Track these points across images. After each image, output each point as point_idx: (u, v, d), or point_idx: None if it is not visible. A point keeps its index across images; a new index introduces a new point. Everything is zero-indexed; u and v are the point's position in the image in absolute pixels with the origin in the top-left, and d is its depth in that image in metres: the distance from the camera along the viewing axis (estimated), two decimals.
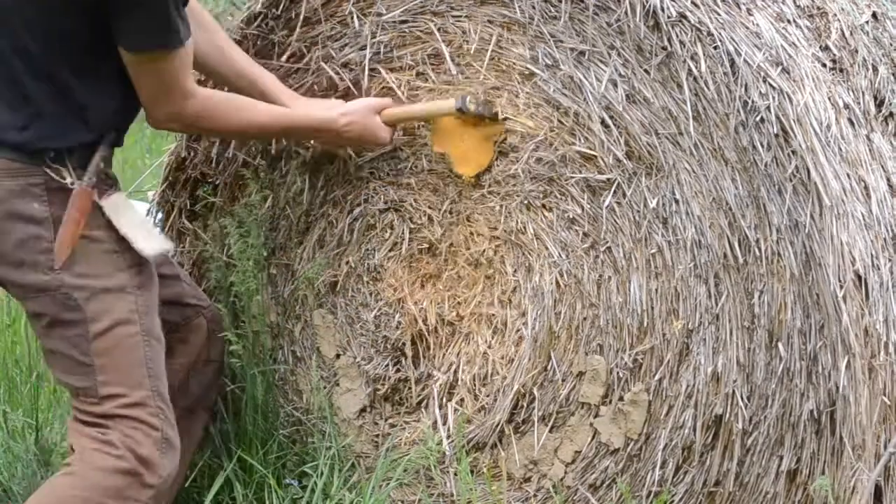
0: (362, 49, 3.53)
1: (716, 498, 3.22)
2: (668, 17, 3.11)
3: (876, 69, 3.23)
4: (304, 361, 3.75)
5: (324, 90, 3.58)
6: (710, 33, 3.07)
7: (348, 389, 3.69)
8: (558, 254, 3.39)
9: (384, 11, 3.49)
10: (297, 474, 3.63)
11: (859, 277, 2.98)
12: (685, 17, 3.10)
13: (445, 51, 3.44)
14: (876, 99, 3.20)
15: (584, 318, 3.37)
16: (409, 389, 3.61)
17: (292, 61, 3.59)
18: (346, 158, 3.60)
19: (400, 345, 3.61)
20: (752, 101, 3.03)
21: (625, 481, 3.32)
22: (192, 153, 3.73)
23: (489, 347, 3.51)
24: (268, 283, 3.74)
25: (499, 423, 3.48)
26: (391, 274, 3.62)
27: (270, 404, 3.69)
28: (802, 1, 3.28)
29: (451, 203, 3.53)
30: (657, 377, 3.28)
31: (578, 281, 3.37)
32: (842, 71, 3.19)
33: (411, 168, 3.55)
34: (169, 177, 3.78)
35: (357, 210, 3.63)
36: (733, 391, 3.17)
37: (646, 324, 3.29)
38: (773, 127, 3.01)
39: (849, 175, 3.02)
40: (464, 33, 3.42)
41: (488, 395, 3.50)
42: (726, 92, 3.08)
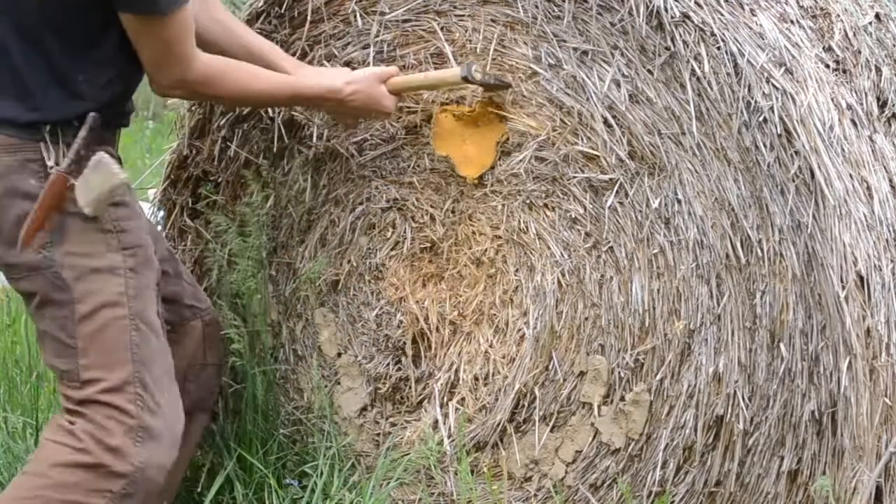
0: (365, 48, 3.53)
1: (717, 498, 3.22)
2: (672, 18, 3.11)
3: (879, 70, 3.23)
4: (305, 360, 3.75)
5: None
6: (713, 34, 3.07)
7: (349, 388, 3.69)
8: (560, 253, 3.39)
9: (387, 10, 3.49)
10: (297, 474, 3.63)
11: (861, 278, 2.98)
12: (688, 17, 3.10)
13: (448, 50, 3.44)
14: (879, 100, 3.21)
15: (586, 318, 3.37)
16: (410, 388, 3.61)
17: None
18: (349, 156, 3.61)
19: (401, 344, 3.61)
20: (755, 102, 3.04)
21: (625, 481, 3.32)
22: (194, 151, 3.73)
23: (490, 347, 3.51)
24: (269, 282, 3.74)
25: (500, 423, 3.48)
26: (393, 273, 3.63)
27: (271, 403, 3.69)
28: (806, 2, 3.28)
29: (453, 202, 3.53)
30: (658, 377, 3.28)
31: (580, 281, 3.37)
32: (845, 72, 3.19)
33: (413, 167, 3.55)
34: (171, 175, 3.78)
35: (359, 209, 3.63)
36: (735, 391, 3.17)
37: (647, 324, 3.29)
38: (776, 127, 3.01)
39: (851, 176, 3.02)
40: (466, 32, 3.42)
41: (489, 395, 3.50)
42: (729, 92, 3.08)
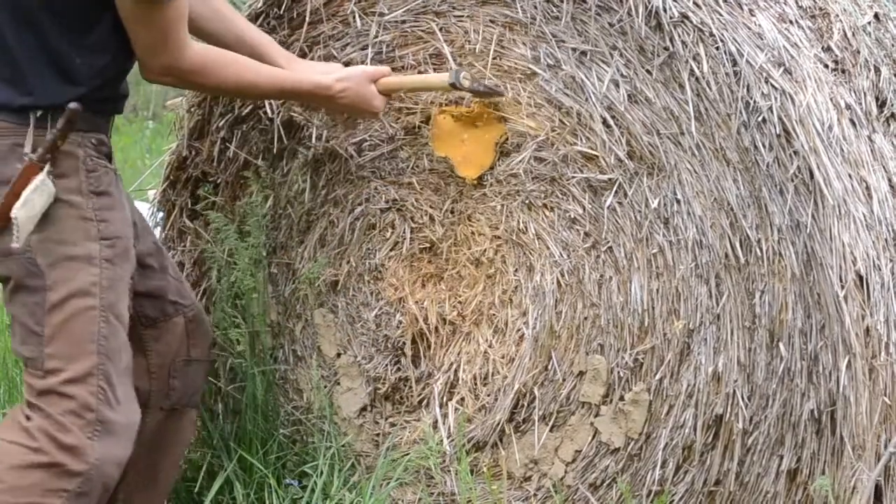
0: (364, 49, 3.53)
1: (716, 497, 3.22)
2: (671, 18, 3.11)
3: (878, 70, 3.23)
4: (305, 360, 3.75)
5: None
6: (712, 34, 3.08)
7: (349, 388, 3.70)
8: (559, 253, 3.39)
9: (386, 11, 3.49)
10: (297, 474, 3.63)
11: (860, 278, 2.98)
12: (687, 17, 3.10)
13: (447, 51, 3.44)
14: (878, 100, 3.21)
15: (585, 318, 3.38)
16: (410, 389, 3.61)
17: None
18: (347, 157, 3.61)
19: (400, 344, 3.61)
20: (754, 102, 3.04)
21: (625, 481, 3.32)
22: (194, 152, 3.73)
23: (490, 347, 3.51)
24: (268, 282, 3.74)
25: (499, 423, 3.48)
26: (392, 273, 3.63)
27: (271, 404, 3.69)
28: (804, 2, 3.29)
29: (452, 202, 3.53)
30: (658, 377, 3.28)
31: (579, 280, 3.38)
32: (844, 72, 3.20)
33: (413, 167, 3.56)
34: (170, 176, 3.78)
35: (358, 209, 3.63)
36: (734, 391, 3.17)
37: (647, 323, 3.29)
38: (775, 127, 3.02)
39: (850, 175, 3.03)
40: (465, 33, 3.42)
41: (489, 395, 3.51)
42: (728, 92, 3.08)
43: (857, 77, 3.20)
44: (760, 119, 3.04)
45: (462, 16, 3.43)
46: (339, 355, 3.71)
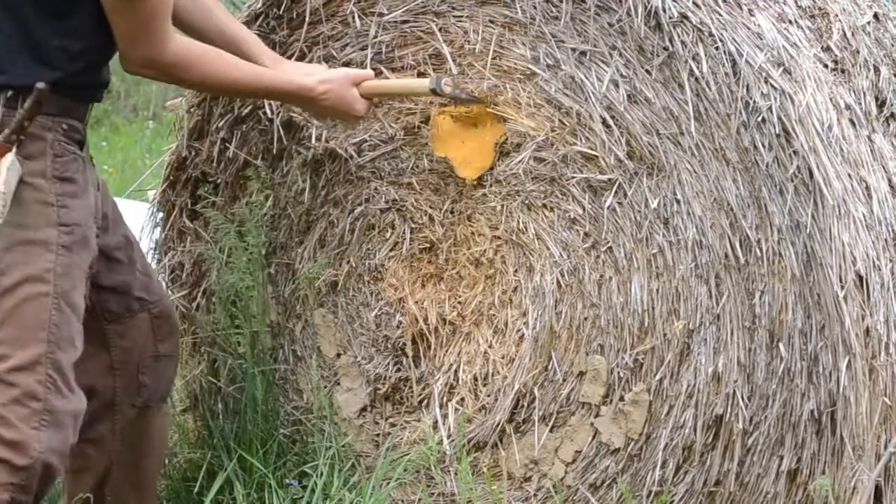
0: (363, 49, 3.53)
1: (716, 498, 3.22)
2: (670, 18, 3.11)
3: (877, 70, 3.23)
4: (305, 361, 3.75)
5: None
6: (711, 34, 3.07)
7: (349, 389, 3.70)
8: (559, 254, 3.39)
9: (385, 11, 3.49)
10: (297, 474, 3.63)
11: (860, 278, 2.98)
12: (687, 17, 3.10)
13: (446, 51, 3.44)
14: (877, 100, 3.21)
15: (585, 318, 3.38)
16: (410, 389, 3.61)
17: (294, 61, 3.59)
18: (347, 157, 3.61)
19: (400, 344, 3.61)
20: (754, 102, 3.04)
21: (625, 481, 3.32)
22: (194, 152, 3.73)
23: (490, 347, 3.51)
24: (268, 283, 3.74)
25: (499, 423, 3.48)
26: (392, 273, 3.63)
27: (271, 404, 3.69)
28: (804, 1, 3.28)
29: (452, 203, 3.53)
30: (658, 377, 3.28)
31: (579, 281, 3.38)
32: (843, 71, 3.19)
33: (412, 168, 3.55)
34: (170, 176, 3.78)
35: (358, 210, 3.63)
36: (734, 391, 3.17)
37: (647, 324, 3.29)
38: (775, 127, 3.02)
39: (850, 175, 3.03)
40: (465, 33, 3.42)
41: (489, 395, 3.51)
42: (728, 92, 3.08)
43: (857, 77, 3.19)
44: (760, 119, 3.04)
45: (461, 16, 3.43)
46: (338, 355, 3.71)
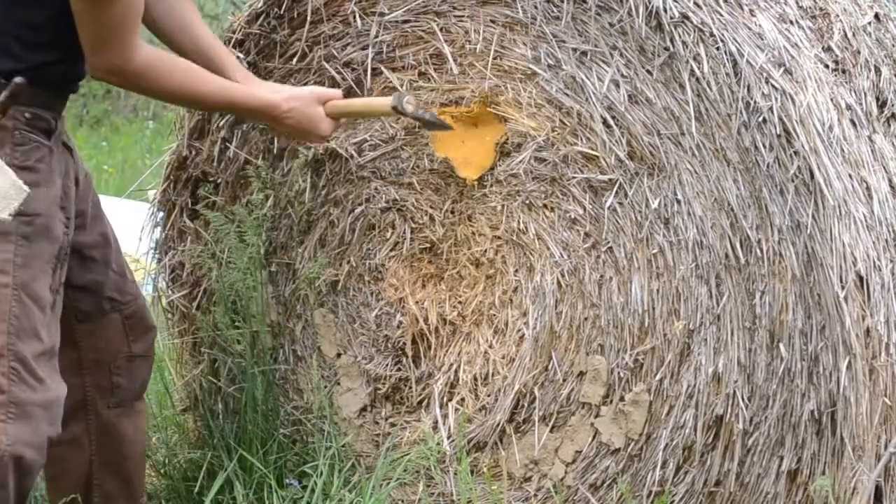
0: (364, 49, 3.53)
1: (716, 498, 3.22)
2: (671, 18, 3.11)
3: (878, 70, 3.23)
4: (305, 360, 3.75)
5: None
6: (712, 34, 3.08)
7: (349, 389, 3.70)
8: (560, 254, 3.39)
9: (386, 11, 3.49)
10: (297, 474, 3.63)
11: (861, 278, 2.98)
12: (688, 17, 3.10)
13: (447, 51, 3.44)
14: (878, 100, 3.21)
15: (586, 318, 3.38)
16: (410, 389, 3.61)
17: (294, 61, 3.59)
18: (347, 157, 3.61)
19: (401, 344, 3.61)
20: (755, 102, 3.04)
21: (625, 481, 3.32)
22: (194, 152, 3.73)
23: (490, 347, 3.51)
24: (269, 283, 3.74)
25: (499, 423, 3.48)
26: (392, 273, 3.63)
27: (271, 404, 3.69)
28: (805, 2, 3.28)
29: (452, 203, 3.53)
30: (658, 377, 3.28)
31: (580, 281, 3.38)
32: (844, 72, 3.19)
33: (413, 168, 3.55)
34: (170, 176, 3.77)
35: (358, 209, 3.63)
36: (734, 391, 3.17)
37: (647, 324, 3.29)
38: (776, 128, 3.02)
39: (851, 176, 3.03)
40: (466, 33, 3.42)
41: (489, 395, 3.51)
42: (729, 93, 3.08)
43: (858, 77, 3.19)
44: (761, 119, 3.04)
45: (462, 16, 3.43)
46: (339, 355, 3.71)
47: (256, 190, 3.63)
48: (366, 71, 3.53)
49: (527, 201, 3.42)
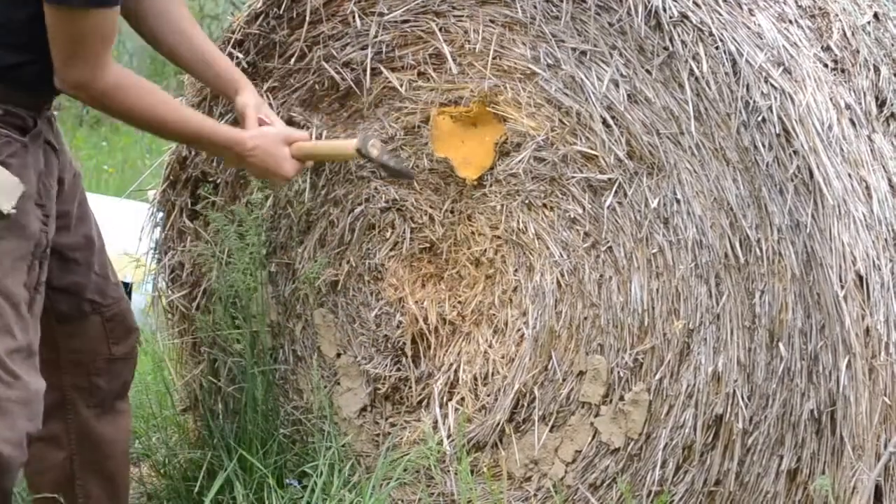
0: (364, 49, 3.53)
1: (716, 497, 3.22)
2: (670, 17, 3.11)
3: (877, 69, 3.23)
4: (305, 360, 3.75)
5: (325, 90, 3.59)
6: (711, 33, 3.08)
7: (349, 389, 3.70)
8: (559, 253, 3.39)
9: (386, 11, 3.49)
10: (297, 474, 3.63)
11: (860, 277, 2.98)
12: (687, 17, 3.10)
13: (447, 50, 3.44)
14: (877, 99, 3.21)
15: (585, 318, 3.38)
16: (410, 389, 3.61)
17: (293, 61, 3.59)
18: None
19: (400, 344, 3.61)
20: (754, 102, 3.04)
21: (625, 481, 3.32)
22: (194, 152, 3.73)
23: (490, 347, 3.51)
24: (268, 283, 3.74)
25: (499, 423, 3.48)
26: (392, 273, 3.63)
27: (271, 404, 3.69)
28: (804, 1, 3.28)
29: (452, 202, 3.53)
30: (658, 377, 3.28)
31: (579, 280, 3.38)
32: (843, 71, 3.19)
33: (412, 167, 3.55)
34: (170, 176, 3.77)
35: (358, 209, 3.63)
36: (734, 391, 3.17)
37: (646, 323, 3.29)
38: (775, 127, 3.02)
39: (850, 175, 3.03)
40: (465, 33, 3.42)
41: (489, 395, 3.51)
42: (728, 92, 3.08)
43: (857, 77, 3.19)
44: (760, 119, 3.04)
45: (462, 16, 3.43)
46: (339, 355, 3.71)
47: (256, 190, 3.63)
48: (365, 71, 3.53)
49: (526, 201, 3.42)
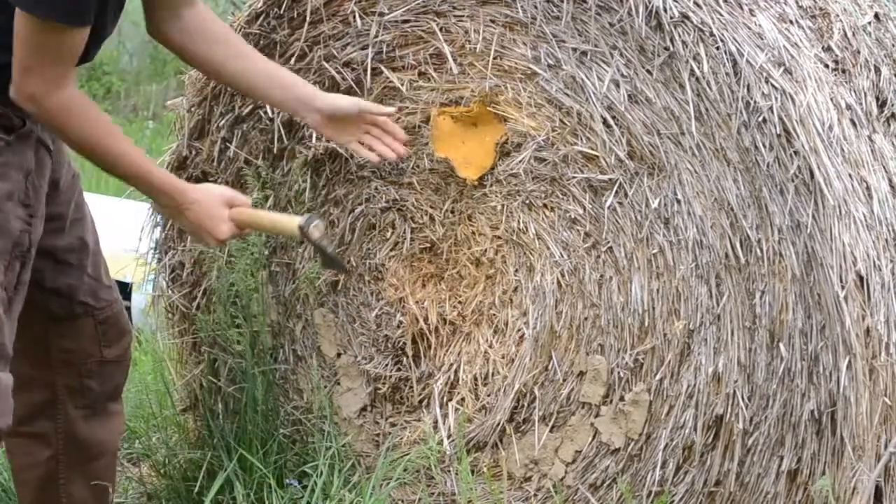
0: (364, 48, 3.53)
1: (716, 498, 3.22)
2: (671, 18, 3.11)
3: (878, 70, 3.23)
4: (305, 360, 3.75)
5: (326, 90, 3.58)
6: (712, 34, 3.08)
7: (349, 388, 3.70)
8: (560, 254, 3.39)
9: (386, 11, 3.49)
10: (297, 474, 3.63)
11: (861, 278, 2.98)
12: (687, 17, 3.10)
13: (447, 50, 3.44)
14: (878, 100, 3.21)
15: (586, 318, 3.38)
16: (410, 389, 3.61)
17: (294, 61, 3.59)
18: (347, 157, 3.61)
19: (401, 344, 3.61)
20: (755, 102, 3.04)
21: (625, 481, 3.32)
22: (194, 152, 3.73)
23: (490, 347, 3.51)
24: (269, 283, 3.74)
25: (499, 423, 3.48)
26: (392, 273, 3.63)
27: (271, 404, 3.70)
28: (805, 1, 3.28)
29: (452, 202, 3.53)
30: (658, 377, 3.28)
31: (580, 281, 3.38)
32: (844, 72, 3.19)
33: (413, 167, 3.55)
34: None
35: (358, 209, 3.63)
36: (734, 391, 3.17)
37: (647, 324, 3.29)
38: (776, 127, 3.02)
39: (851, 175, 3.03)
40: (466, 33, 3.42)
41: (489, 395, 3.51)
42: (728, 92, 3.08)
43: (858, 77, 3.19)
44: (761, 119, 3.04)
45: (462, 16, 3.43)
46: (339, 355, 3.71)
47: (256, 190, 3.63)
48: (365, 71, 3.53)
49: (527, 201, 3.42)
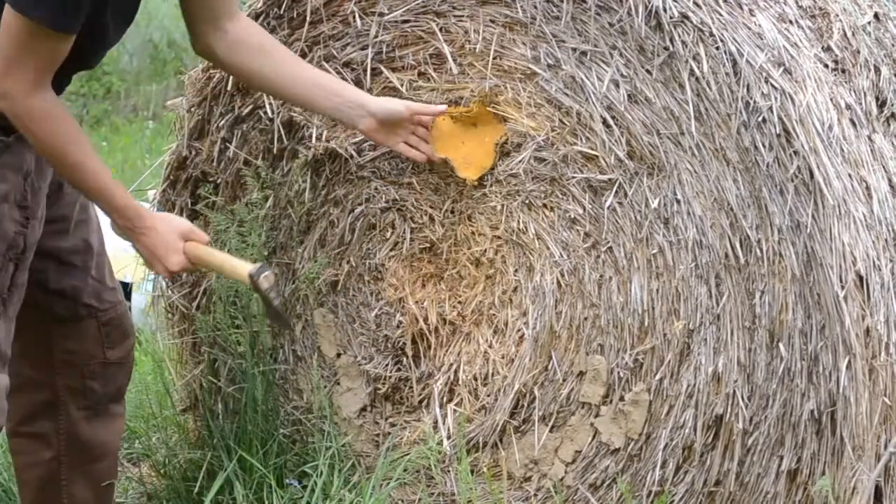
0: (364, 49, 3.53)
1: (716, 498, 3.22)
2: (671, 18, 3.11)
3: (878, 70, 3.23)
4: (305, 360, 3.75)
5: None
6: (712, 34, 3.08)
7: (349, 389, 3.70)
8: (559, 254, 3.39)
9: (386, 11, 3.49)
10: (297, 474, 3.63)
11: (860, 278, 2.98)
12: (687, 17, 3.10)
13: (447, 51, 3.44)
14: (878, 100, 3.21)
15: (585, 318, 3.38)
16: (410, 389, 3.61)
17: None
18: (347, 157, 3.61)
19: (401, 344, 3.61)
20: (754, 102, 3.04)
21: (625, 481, 3.32)
22: (194, 152, 3.73)
23: (490, 347, 3.51)
24: None
25: (499, 423, 3.48)
26: (392, 273, 3.63)
27: (271, 404, 3.70)
28: (804, 1, 3.28)
29: (452, 202, 3.53)
30: (658, 377, 3.28)
31: (579, 281, 3.38)
32: (844, 71, 3.19)
33: (413, 167, 3.55)
34: (170, 176, 3.77)
35: (358, 209, 3.63)
36: (734, 391, 3.17)
37: (647, 324, 3.29)
38: (775, 127, 3.02)
39: (850, 175, 3.03)
40: (465, 33, 3.42)
41: (489, 395, 3.51)
42: (728, 92, 3.08)
43: (857, 77, 3.19)
44: (760, 119, 3.04)
45: (462, 16, 3.43)
46: (339, 355, 3.72)
47: (255, 190, 3.63)
48: (365, 71, 3.53)
49: (526, 201, 3.42)
